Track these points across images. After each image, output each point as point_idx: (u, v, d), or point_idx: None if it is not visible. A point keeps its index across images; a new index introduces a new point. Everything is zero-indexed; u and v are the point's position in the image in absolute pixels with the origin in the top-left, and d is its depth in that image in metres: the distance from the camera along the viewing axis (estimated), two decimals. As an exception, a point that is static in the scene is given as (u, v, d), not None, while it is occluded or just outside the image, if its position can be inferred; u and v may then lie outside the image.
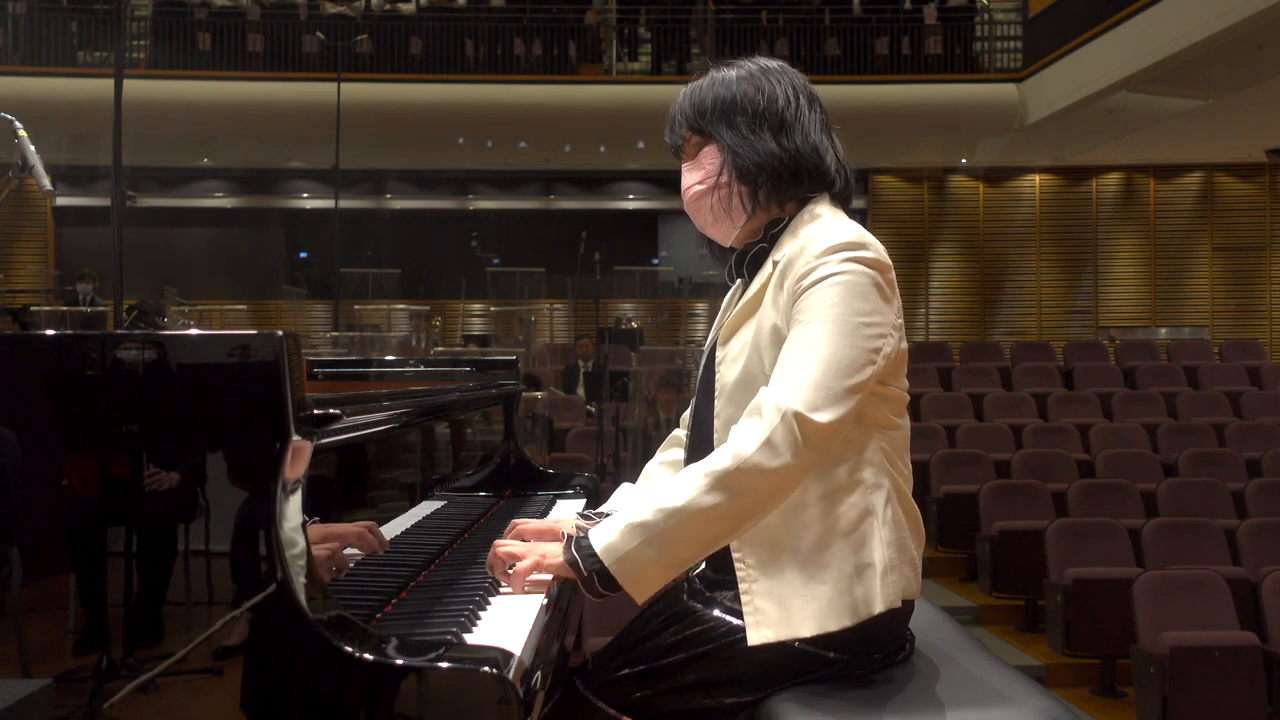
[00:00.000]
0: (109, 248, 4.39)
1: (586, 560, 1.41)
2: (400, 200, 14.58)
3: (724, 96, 1.60)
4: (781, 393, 1.40)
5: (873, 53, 12.64)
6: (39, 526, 1.23)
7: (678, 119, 1.65)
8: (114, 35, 5.51)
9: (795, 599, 1.44)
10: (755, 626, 1.44)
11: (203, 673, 1.18)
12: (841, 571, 1.45)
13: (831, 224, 1.53)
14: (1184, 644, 4.29)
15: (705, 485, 1.38)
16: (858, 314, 1.44)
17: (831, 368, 1.40)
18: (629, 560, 1.40)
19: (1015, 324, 14.20)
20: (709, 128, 1.61)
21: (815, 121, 1.61)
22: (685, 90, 1.65)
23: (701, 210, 1.64)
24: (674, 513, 1.39)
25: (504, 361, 2.81)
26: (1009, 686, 1.48)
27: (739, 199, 1.59)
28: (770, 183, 1.57)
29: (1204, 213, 14.14)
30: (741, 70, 1.63)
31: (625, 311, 13.49)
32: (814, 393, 1.39)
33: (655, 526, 1.39)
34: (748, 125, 1.58)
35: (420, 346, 11.62)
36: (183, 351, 1.22)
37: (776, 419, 1.37)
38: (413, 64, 12.45)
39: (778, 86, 1.60)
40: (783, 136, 1.58)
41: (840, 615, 1.44)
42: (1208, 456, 7.06)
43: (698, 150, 1.63)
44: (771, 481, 1.38)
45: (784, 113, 1.59)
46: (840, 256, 1.46)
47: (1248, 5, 8.45)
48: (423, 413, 1.89)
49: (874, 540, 1.47)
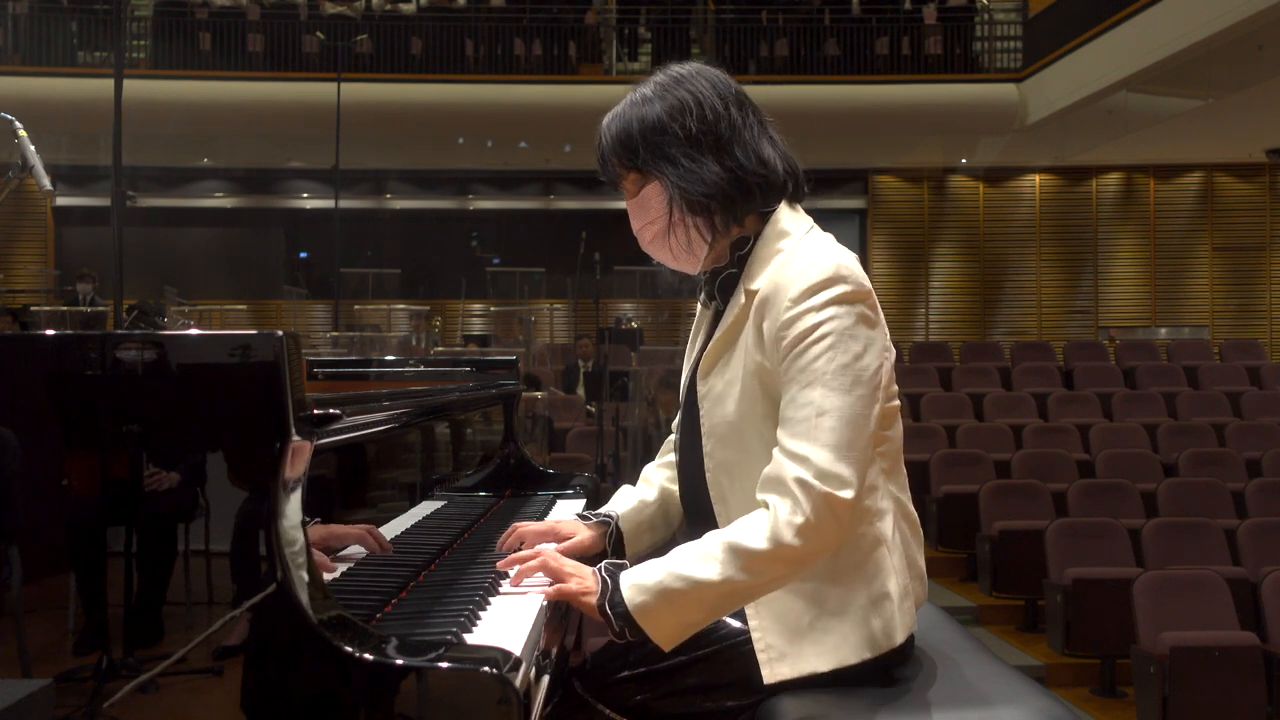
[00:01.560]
0: (109, 248, 4.39)
1: (619, 620, 1.41)
2: (400, 200, 14.59)
3: (650, 122, 1.50)
4: (805, 468, 1.37)
5: (873, 53, 12.64)
6: (39, 526, 1.23)
7: (609, 159, 1.55)
8: (114, 35, 5.51)
9: (809, 633, 1.43)
10: (769, 664, 1.43)
11: (203, 673, 1.18)
12: (855, 604, 1.44)
13: (801, 250, 1.47)
14: (1184, 644, 4.29)
15: (740, 563, 1.37)
16: (855, 358, 1.40)
17: (847, 427, 1.38)
18: (662, 624, 1.41)
19: (1015, 324, 14.20)
20: (645, 165, 1.51)
21: (752, 127, 1.52)
22: (605, 122, 1.55)
23: (662, 252, 1.57)
24: (706, 586, 1.38)
25: (504, 361, 2.81)
26: (1009, 686, 1.48)
27: (696, 232, 1.51)
28: (723, 208, 1.50)
29: (1204, 213, 14.15)
30: (658, 87, 1.53)
31: (625, 311, 13.50)
32: (840, 466, 1.37)
33: (688, 597, 1.39)
34: (685, 154, 1.48)
35: (420, 346, 11.63)
36: (183, 351, 1.22)
37: (808, 504, 1.36)
38: (413, 64, 12.45)
39: (703, 99, 1.50)
40: (724, 156, 1.49)
41: (859, 648, 1.43)
42: (1208, 456, 7.06)
43: (638, 187, 1.54)
44: (806, 558, 1.39)
45: (718, 128, 1.49)
46: (821, 300, 1.41)
47: (1248, 5, 8.45)
48: (423, 413, 1.89)
49: (886, 568, 1.46)
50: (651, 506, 1.78)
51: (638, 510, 1.78)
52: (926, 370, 9.28)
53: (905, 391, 8.72)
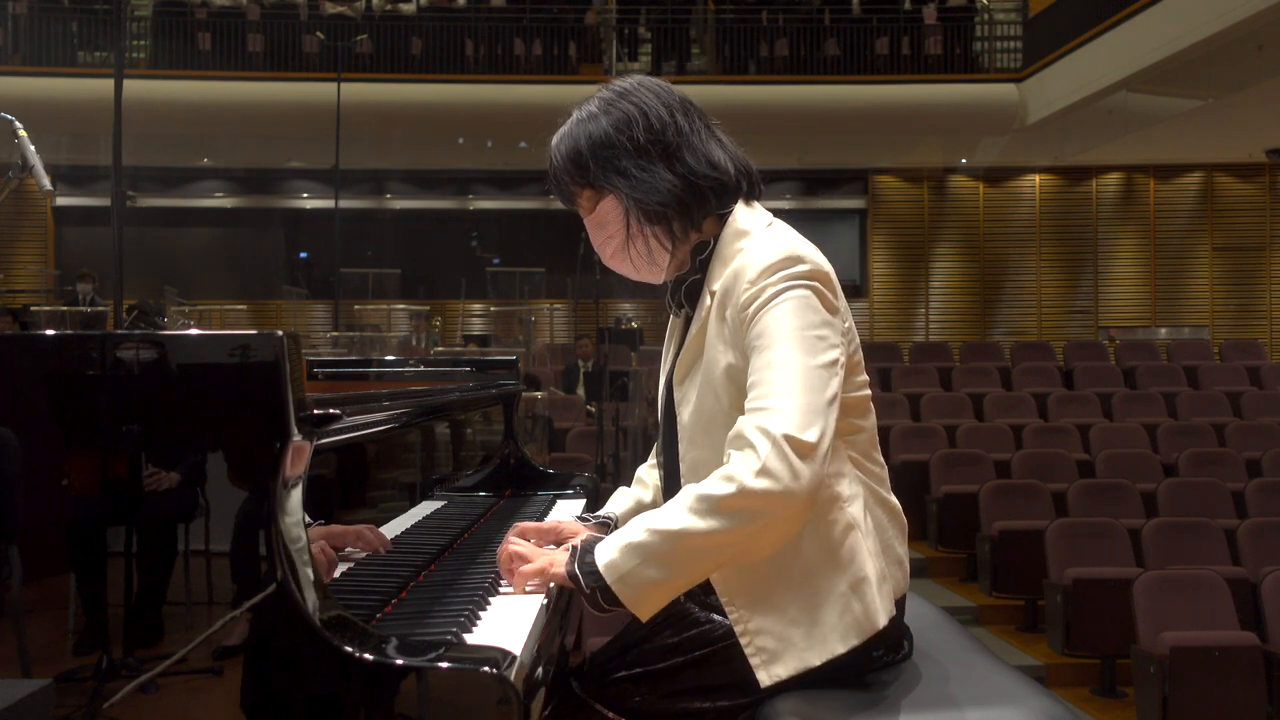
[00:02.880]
0: (109, 248, 4.39)
1: (588, 577, 1.40)
2: (400, 200, 14.58)
3: (598, 137, 1.53)
4: (765, 418, 1.36)
5: (873, 53, 12.63)
6: (39, 526, 1.23)
7: (562, 179, 1.57)
8: (114, 35, 5.51)
9: (794, 629, 1.43)
10: (763, 666, 1.43)
11: (203, 673, 1.18)
12: (836, 591, 1.44)
13: (760, 241, 1.49)
14: (1184, 644, 4.29)
15: (703, 509, 1.35)
16: (811, 328, 1.41)
17: (806, 384, 1.37)
18: (630, 579, 1.38)
19: (1015, 324, 14.20)
20: (597, 180, 1.54)
21: (698, 132, 1.54)
22: (554, 143, 1.58)
23: (624, 265, 1.59)
24: (671, 535, 1.36)
25: (504, 361, 2.81)
26: (1009, 686, 1.48)
27: (656, 241, 1.54)
28: (680, 214, 1.52)
29: (1204, 213, 14.15)
30: (603, 102, 1.56)
31: (625, 311, 13.50)
32: (799, 414, 1.35)
33: (653, 548, 1.37)
34: (636, 165, 1.51)
35: (420, 346, 11.63)
36: (183, 351, 1.22)
37: (768, 445, 1.33)
38: (413, 64, 12.45)
39: (648, 109, 1.52)
40: (674, 163, 1.51)
41: (845, 635, 1.43)
42: (1208, 456, 7.06)
43: (593, 204, 1.56)
44: (774, 506, 1.34)
45: (665, 136, 1.52)
46: (779, 276, 1.43)
47: (1248, 5, 8.45)
48: (423, 413, 1.89)
49: (861, 553, 1.46)
50: (648, 505, 1.79)
51: (635, 510, 1.78)
52: (926, 370, 9.29)
53: (905, 391, 8.73)
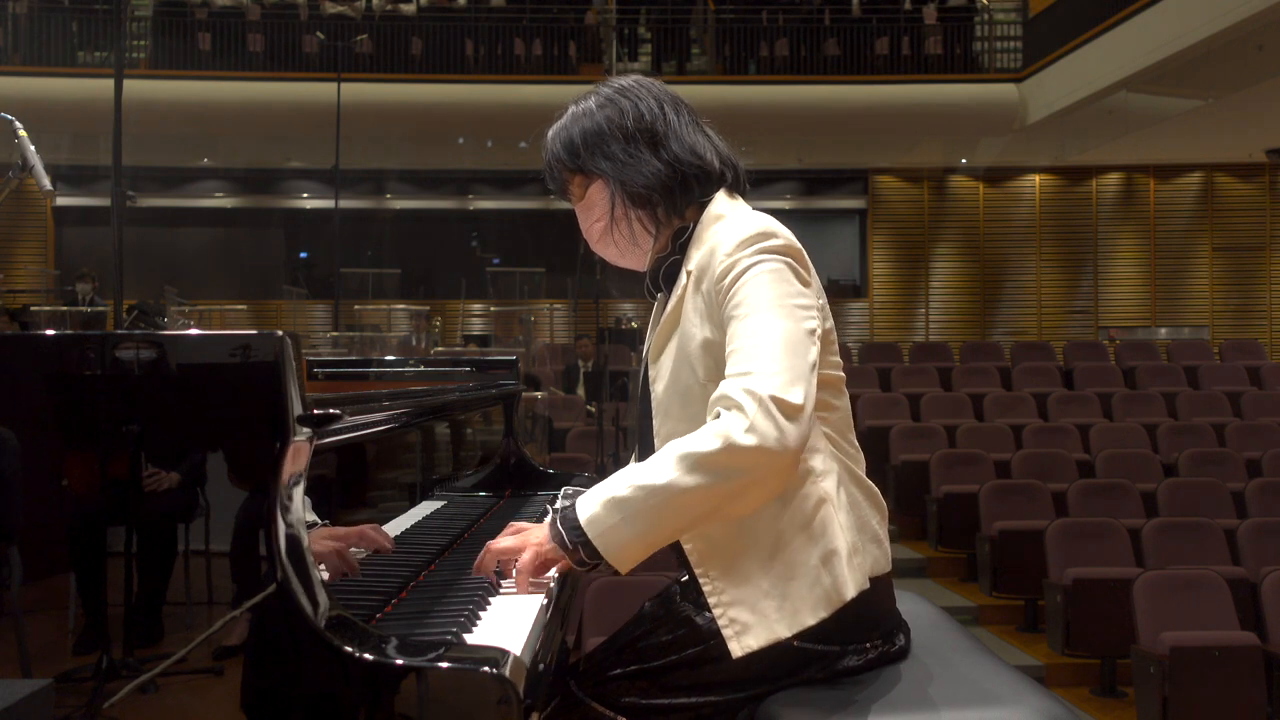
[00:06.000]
0: (109, 248, 4.39)
1: (571, 533, 1.42)
2: (400, 200, 14.58)
3: (590, 128, 1.60)
4: (751, 380, 1.37)
5: (873, 53, 12.64)
6: (39, 526, 1.23)
7: (553, 165, 1.65)
8: (114, 35, 5.51)
9: (767, 601, 1.44)
10: (735, 638, 1.43)
11: (203, 673, 1.18)
12: (807, 564, 1.44)
13: (734, 221, 1.52)
14: (1184, 644, 4.29)
15: (688, 465, 1.36)
16: (789, 297, 1.44)
17: (788, 347, 1.40)
18: (612, 534, 1.40)
19: (1015, 324, 14.20)
20: (586, 165, 1.61)
21: (685, 125, 1.61)
22: (550, 133, 1.65)
23: (608, 248, 1.65)
24: (655, 490, 1.38)
25: (504, 361, 2.81)
26: (1009, 686, 1.48)
27: (640, 224, 1.60)
28: (664, 198, 1.58)
29: (1204, 213, 14.15)
30: (600, 98, 1.63)
31: (625, 311, 13.50)
32: (784, 375, 1.37)
33: (636, 503, 1.38)
34: (623, 151, 1.58)
35: (420, 346, 11.63)
36: (183, 351, 1.22)
37: (755, 405, 1.35)
38: (413, 64, 12.45)
39: (639, 103, 1.60)
40: (660, 150, 1.58)
41: (815, 607, 1.43)
42: (1208, 456, 7.06)
43: (583, 190, 1.63)
44: (760, 463, 1.35)
45: (654, 126, 1.59)
46: (753, 249, 1.46)
47: (1248, 5, 8.45)
48: (423, 413, 1.89)
49: (833, 526, 1.46)
50: None
51: None
52: (926, 370, 9.29)
53: (905, 391, 8.73)
